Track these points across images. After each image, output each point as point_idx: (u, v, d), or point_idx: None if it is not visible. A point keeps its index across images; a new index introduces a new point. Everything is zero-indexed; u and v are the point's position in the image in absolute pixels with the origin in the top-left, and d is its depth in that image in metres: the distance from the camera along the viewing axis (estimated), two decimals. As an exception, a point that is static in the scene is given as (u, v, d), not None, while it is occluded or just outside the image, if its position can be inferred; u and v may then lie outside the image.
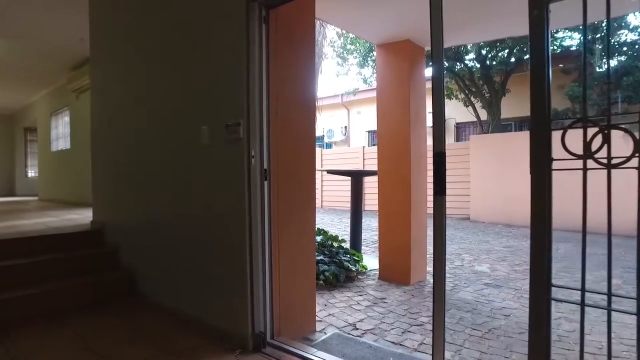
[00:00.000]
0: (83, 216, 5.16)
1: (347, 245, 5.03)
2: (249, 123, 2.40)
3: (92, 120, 4.14)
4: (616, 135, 1.52)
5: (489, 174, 8.68)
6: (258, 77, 2.41)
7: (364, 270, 4.55)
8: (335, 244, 4.60)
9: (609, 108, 1.48)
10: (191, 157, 2.82)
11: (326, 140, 15.81)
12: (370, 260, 4.96)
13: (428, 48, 4.43)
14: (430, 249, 5.21)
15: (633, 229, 1.46)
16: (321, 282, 3.91)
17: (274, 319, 2.51)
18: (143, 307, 3.24)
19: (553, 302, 1.54)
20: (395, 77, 4.18)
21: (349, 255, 4.49)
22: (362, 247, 5.82)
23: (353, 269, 4.24)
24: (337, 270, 4.03)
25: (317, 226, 7.87)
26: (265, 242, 2.46)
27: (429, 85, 2.68)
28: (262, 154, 2.43)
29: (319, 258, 4.12)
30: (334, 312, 3.29)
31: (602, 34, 8.93)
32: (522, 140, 8.31)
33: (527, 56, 9.56)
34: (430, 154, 4.47)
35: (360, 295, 3.73)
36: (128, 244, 3.63)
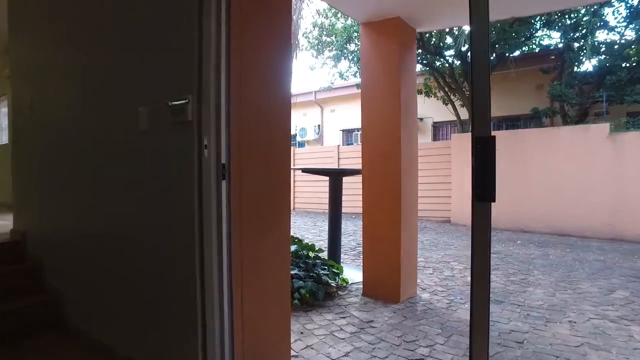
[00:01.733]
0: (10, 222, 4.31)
1: (325, 254, 4.43)
2: (200, 101, 1.75)
3: (10, 109, 3.36)
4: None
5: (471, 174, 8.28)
6: (215, 39, 1.76)
7: (345, 285, 3.96)
8: (312, 254, 3.98)
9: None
10: (127, 149, 2.14)
11: (299, 139, 15.18)
12: (351, 272, 4.38)
13: (420, 29, 3.89)
14: (420, 259, 4.63)
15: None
16: (296, 301, 3.28)
17: (235, 362, 1.87)
18: (71, 344, 2.51)
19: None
20: (383, 60, 3.61)
21: (327, 268, 3.88)
22: (341, 255, 5.23)
23: (333, 283, 3.64)
24: (314, 286, 3.41)
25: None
26: (224, 260, 1.81)
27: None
28: (219, 144, 1.78)
29: (292, 272, 3.49)
30: (312, 342, 2.66)
31: (583, 32, 8.73)
32: (505, 139, 7.96)
33: (511, 53, 9.30)
34: (425, 152, 3.94)
35: (343, 317, 3.12)
36: (54, 260, 2.88)
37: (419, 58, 9.40)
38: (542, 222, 7.39)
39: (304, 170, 4.41)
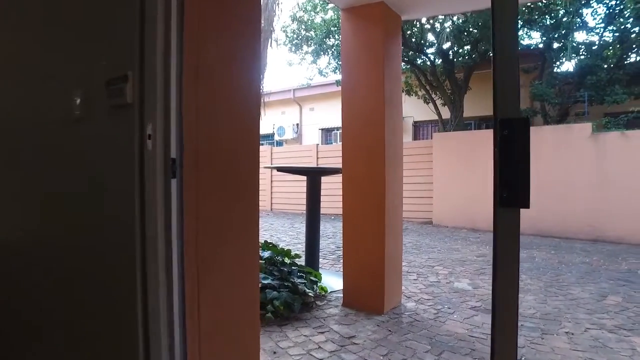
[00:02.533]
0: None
1: (302, 260, 4.10)
2: (142, 79, 1.39)
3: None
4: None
5: (453, 174, 8.11)
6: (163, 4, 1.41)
7: (324, 293, 3.64)
8: (287, 261, 3.64)
9: None
10: (59, 141, 1.76)
11: (276, 138, 14.80)
12: (331, 279, 4.07)
13: (405, 17, 3.60)
14: (403, 263, 4.35)
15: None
16: (269, 314, 2.95)
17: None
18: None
19: None
20: (365, 49, 3.31)
21: (304, 275, 3.56)
22: (319, 260, 4.91)
23: (310, 293, 3.31)
24: (290, 297, 3.08)
25: (264, 236, 6.87)
26: (174, 274, 1.46)
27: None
28: (167, 134, 1.43)
29: (266, 282, 3.15)
30: (286, 365, 2.34)
31: (562, 32, 8.69)
32: (489, 138, 7.79)
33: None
34: (406, 151, 3.66)
35: (322, 332, 2.80)
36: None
37: (400, 55, 9.20)
38: (524, 223, 7.20)
39: (280, 170, 4.08)
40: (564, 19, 8.61)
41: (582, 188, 6.83)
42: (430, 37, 9.03)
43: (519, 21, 9.14)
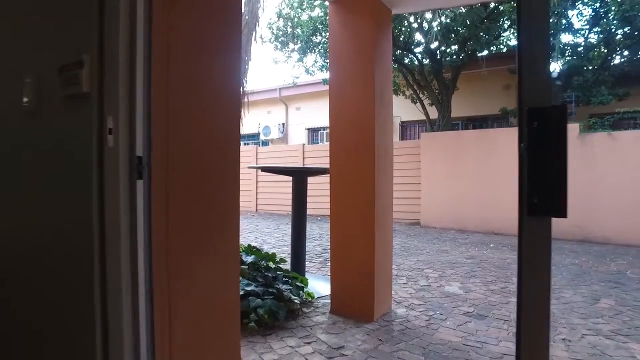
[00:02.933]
0: None
1: (287, 264, 3.93)
2: (102, 64, 1.21)
3: None
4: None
5: (441, 175, 8.03)
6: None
7: (311, 300, 3.47)
8: (272, 265, 3.46)
9: None
10: (3, 135, 1.55)
11: (262, 138, 14.57)
12: (317, 284, 3.90)
13: (396, 10, 3.46)
14: (394, 268, 4.20)
15: None
16: (252, 323, 2.77)
17: None
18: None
19: None
20: (354, 43, 3.15)
21: (290, 281, 3.38)
22: (306, 264, 4.74)
23: (296, 300, 3.13)
24: (274, 305, 2.90)
25: (249, 239, 6.68)
26: (140, 294, 1.27)
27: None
28: (132, 129, 1.24)
29: (249, 289, 2.96)
30: (270, 381, 2.16)
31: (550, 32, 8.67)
32: (477, 138, 7.75)
33: (480, 52, 9.14)
34: (394, 151, 3.51)
35: (308, 342, 2.63)
36: None
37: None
38: (512, 224, 7.17)
39: (264, 170, 3.89)
40: (550, 20, 8.61)
41: (569, 189, 6.79)
42: (418, 36, 8.94)
43: (507, 21, 9.14)
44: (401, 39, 8.76)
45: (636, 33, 7.80)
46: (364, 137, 3.05)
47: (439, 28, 8.25)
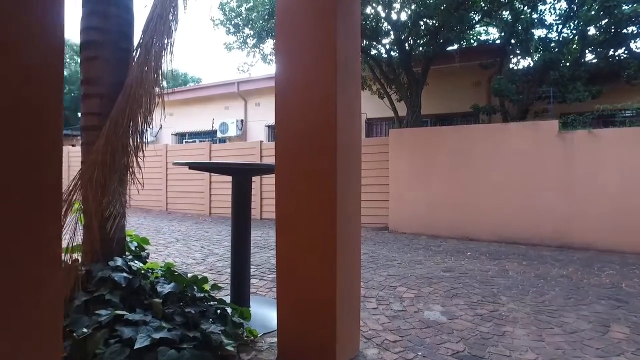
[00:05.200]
0: None
1: (223, 289, 3.05)
2: None
3: None
4: None
5: (411, 175, 7.35)
6: None
7: (254, 338, 2.61)
8: (201, 294, 2.56)
9: None
10: None
11: (219, 135, 13.48)
12: (266, 312, 3.05)
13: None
14: (362, 285, 3.38)
15: None
16: (158, 390, 1.87)
17: None
18: None
19: None
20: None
21: (225, 315, 2.50)
22: (254, 282, 3.87)
23: (230, 346, 2.26)
24: (196, 357, 2.02)
25: (193, 250, 5.70)
26: None
27: None
28: None
29: (158, 335, 2.05)
30: None
31: (522, 27, 8.23)
32: (450, 135, 7.12)
33: (451, 45, 8.57)
34: (367, 148, 2.66)
35: (239, 420, 1.77)
36: None
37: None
38: (488, 229, 6.62)
39: (193, 167, 2.98)
40: (522, 16, 8.16)
41: (548, 190, 6.29)
42: (387, 26, 8.24)
43: (477, 14, 8.63)
44: (367, 27, 8.03)
45: (612, 28, 7.46)
46: (322, 124, 2.22)
47: (409, 13, 7.59)
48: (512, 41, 8.42)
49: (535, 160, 6.40)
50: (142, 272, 2.47)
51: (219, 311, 2.54)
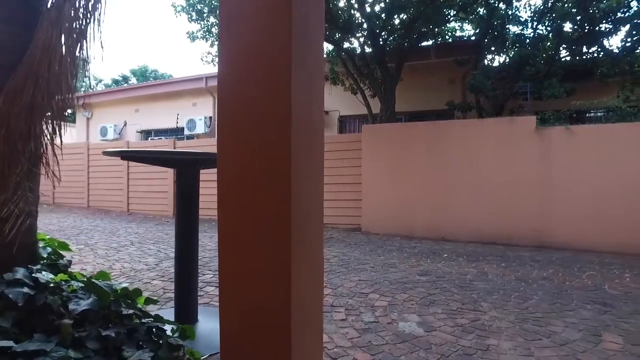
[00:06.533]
0: None
1: (168, 302, 2.59)
2: None
3: None
4: None
5: (385, 173, 7.02)
6: None
7: (195, 363, 2.17)
8: (129, 310, 2.10)
9: None
10: None
11: (186, 132, 12.86)
12: (215, 326, 2.60)
13: None
14: (326, 291, 2.96)
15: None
16: None
17: None
18: None
19: None
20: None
21: (160, 335, 2.05)
22: (209, 290, 3.41)
23: (161, 376, 1.81)
24: (108, 396, 1.56)
25: (148, 252, 5.17)
26: None
27: None
28: None
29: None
30: None
31: (497, 23, 8.07)
32: (426, 131, 6.83)
33: (427, 42, 8.33)
34: (330, 146, 2.22)
35: None
36: None
37: (325, 34, 7.95)
38: (465, 229, 6.36)
39: (125, 157, 2.49)
40: (497, 12, 7.99)
41: (525, 188, 6.08)
42: (361, 18, 7.89)
43: (453, 9, 8.41)
44: (340, 19, 7.68)
45: (586, 25, 7.37)
46: (274, 102, 1.80)
47: (383, 5, 7.28)
48: (488, 37, 8.24)
49: (512, 157, 6.19)
50: (53, 285, 1.99)
51: (153, 329, 2.09)
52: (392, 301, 3.34)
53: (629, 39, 7.54)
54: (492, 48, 8.47)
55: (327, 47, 8.82)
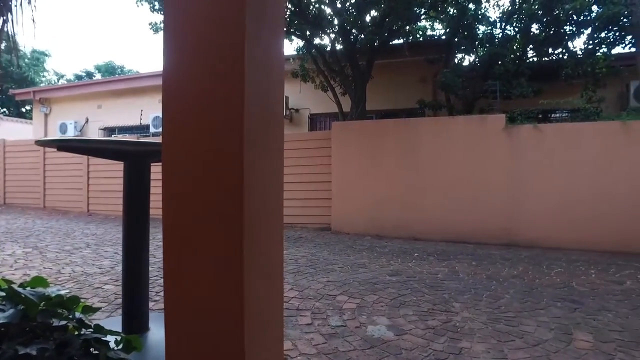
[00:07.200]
0: None
1: (114, 307, 2.34)
2: None
3: None
4: None
5: (355, 171, 6.90)
6: None
7: (140, 378, 1.93)
8: (61, 321, 1.85)
9: None
10: None
11: (152, 130, 12.36)
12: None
13: None
14: (291, 293, 2.81)
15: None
16: None
17: None
18: None
19: None
20: None
21: (99, 349, 1.81)
22: (159, 291, 3.16)
23: (94, 396, 1.58)
24: None
25: (87, 260, 4.80)
26: None
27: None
28: None
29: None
30: None
31: (467, 22, 8.10)
32: (397, 128, 6.75)
33: (397, 40, 8.27)
34: (299, 144, 2.01)
35: None
36: None
37: (294, 29, 7.76)
38: (435, 228, 6.32)
39: (62, 148, 2.22)
40: (467, 12, 8.02)
41: (495, 186, 6.09)
42: (331, 12, 7.75)
43: (422, 9, 8.39)
44: (310, 13, 7.51)
45: (552, 27, 7.49)
46: (223, 87, 1.60)
47: (353, 1, 7.16)
48: (458, 37, 8.27)
49: (482, 155, 6.19)
50: (-33, 294, 1.71)
51: (90, 342, 1.85)
52: (361, 303, 3.19)
53: (590, 42, 7.75)
54: (463, 47, 8.52)
55: (298, 42, 8.64)
